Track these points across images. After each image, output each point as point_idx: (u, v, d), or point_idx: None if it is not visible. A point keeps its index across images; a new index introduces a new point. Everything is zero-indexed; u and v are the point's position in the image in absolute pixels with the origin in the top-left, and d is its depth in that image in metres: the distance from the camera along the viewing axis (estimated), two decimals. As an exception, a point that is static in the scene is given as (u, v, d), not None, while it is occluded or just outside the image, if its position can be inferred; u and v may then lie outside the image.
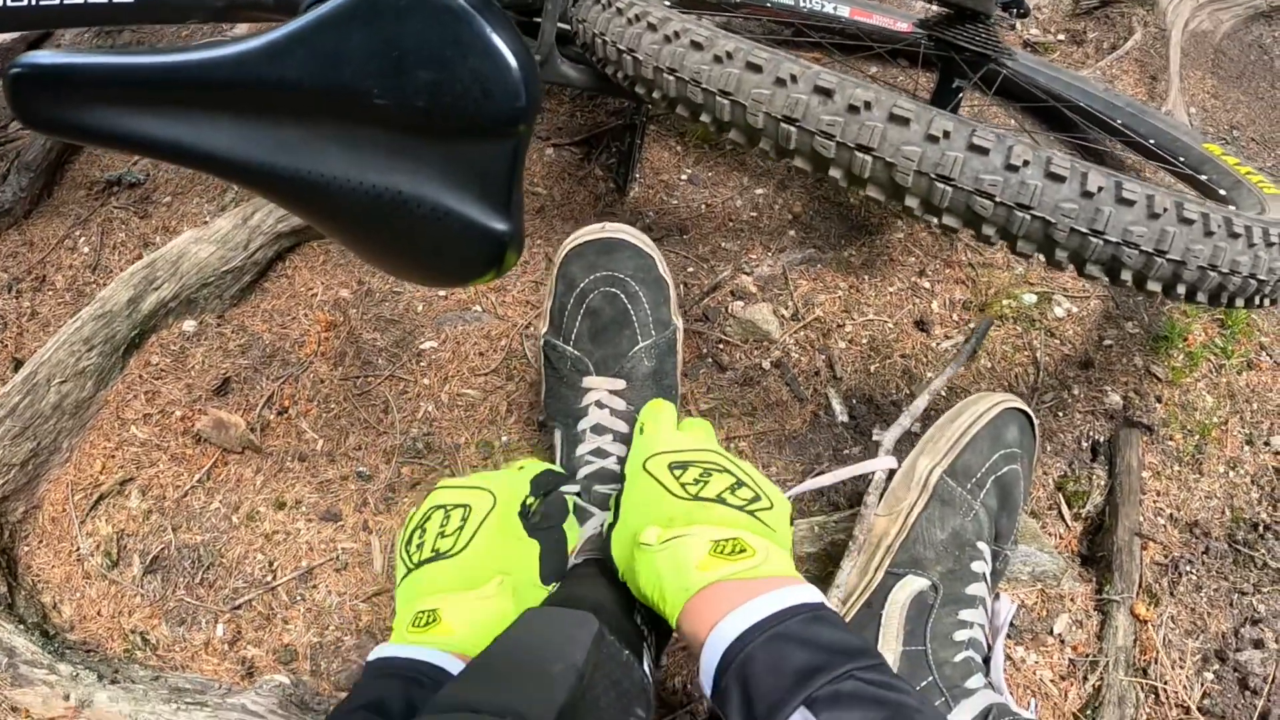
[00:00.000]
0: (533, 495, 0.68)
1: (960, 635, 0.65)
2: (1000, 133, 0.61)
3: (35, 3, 0.91)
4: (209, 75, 0.52)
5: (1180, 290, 0.64)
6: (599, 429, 0.77)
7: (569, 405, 0.79)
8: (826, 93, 0.63)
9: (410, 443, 0.93)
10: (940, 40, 0.98)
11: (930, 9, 1.03)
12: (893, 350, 0.98)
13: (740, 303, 1.01)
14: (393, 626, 0.64)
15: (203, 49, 0.53)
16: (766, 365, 0.97)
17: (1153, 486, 0.89)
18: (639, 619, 0.65)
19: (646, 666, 0.61)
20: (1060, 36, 1.47)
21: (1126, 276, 0.63)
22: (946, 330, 1.00)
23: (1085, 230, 0.60)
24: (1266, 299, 0.69)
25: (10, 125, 1.26)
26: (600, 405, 0.78)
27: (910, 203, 0.64)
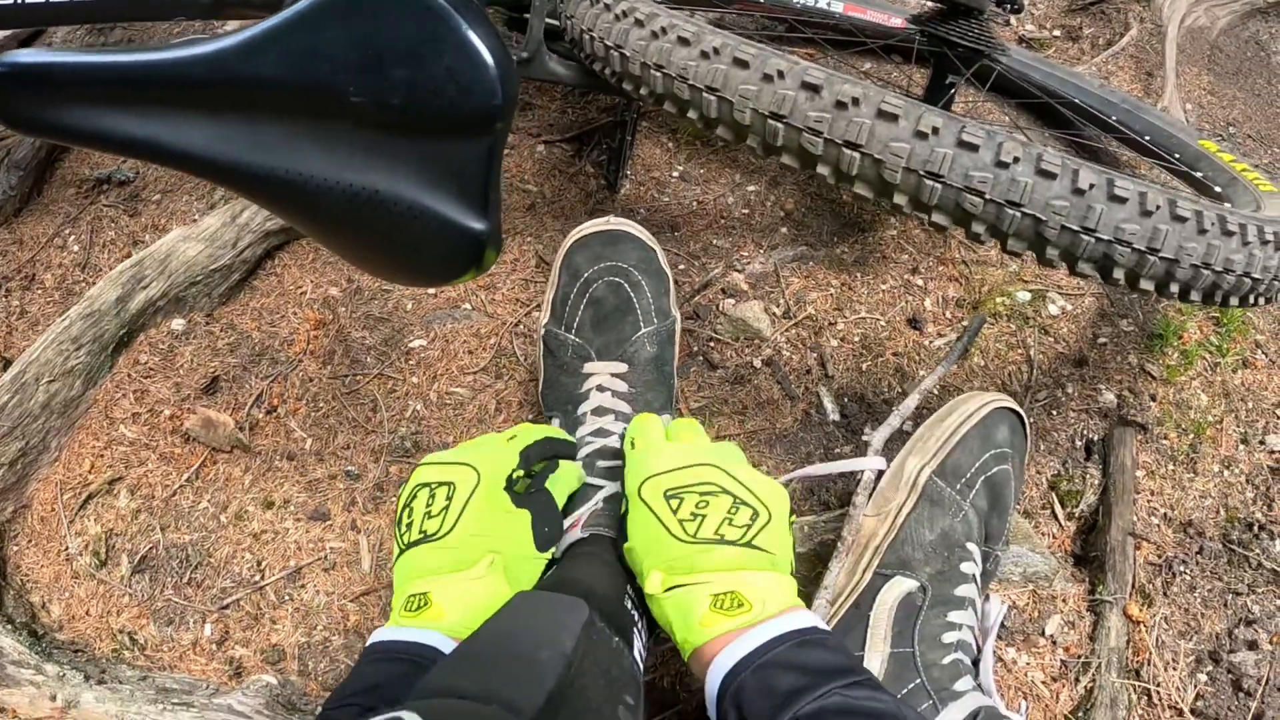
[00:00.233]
0: (521, 468, 0.68)
1: (949, 637, 0.65)
2: (990, 129, 0.61)
3: (23, 0, 0.91)
4: (186, 73, 0.51)
5: (1174, 289, 0.64)
6: (600, 410, 0.77)
7: (569, 392, 0.79)
8: (814, 88, 0.62)
9: (399, 441, 0.92)
10: (934, 36, 0.98)
11: (924, 4, 1.02)
12: (885, 348, 0.98)
13: (732, 300, 1.00)
14: (392, 607, 0.65)
15: (180, 47, 0.52)
16: (758, 363, 0.96)
17: (1147, 486, 0.88)
18: (630, 604, 0.64)
19: (637, 653, 0.61)
20: (1055, 32, 1.46)
21: (1119, 275, 0.62)
22: (939, 328, 1.00)
23: (1077, 228, 0.60)
24: (1261, 297, 0.69)
25: (-2, 125, 1.25)
26: (601, 389, 0.78)
27: (899, 200, 0.63)
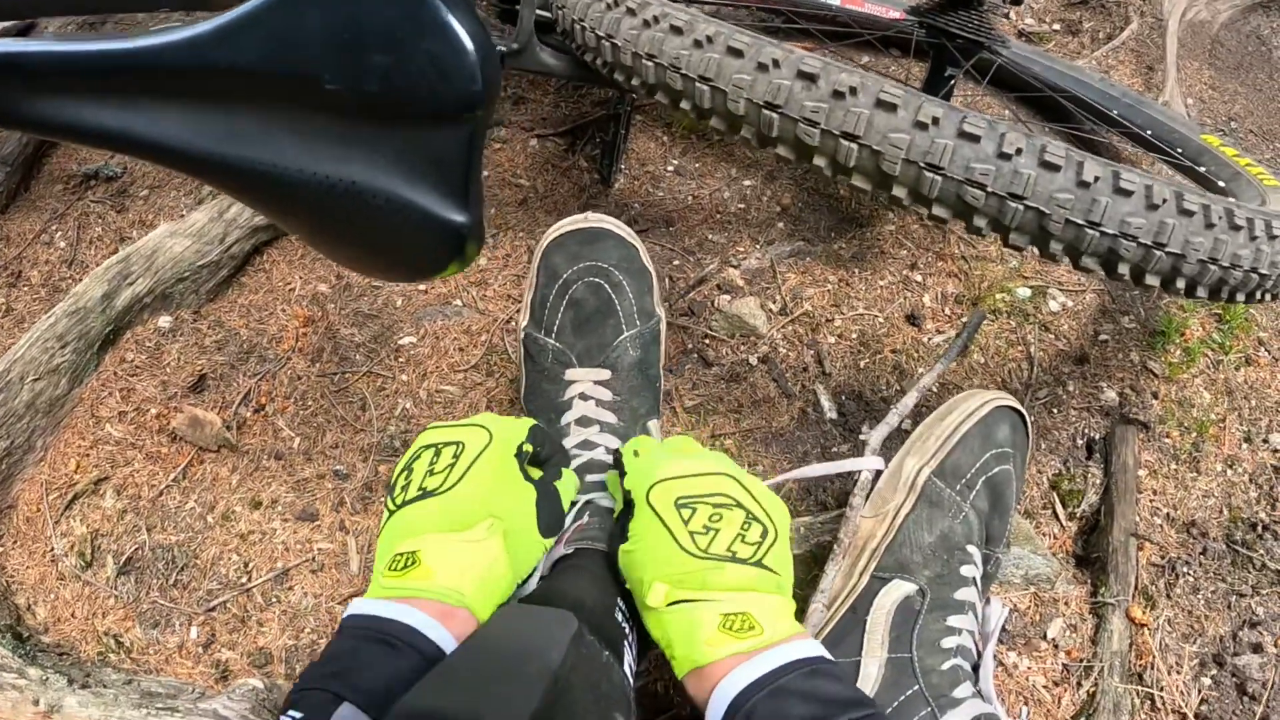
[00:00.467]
0: (529, 442, 0.64)
1: (948, 642, 0.63)
2: (992, 120, 0.59)
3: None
4: (160, 61, 0.50)
5: (1179, 284, 0.63)
6: (584, 421, 0.75)
7: (550, 400, 0.77)
8: (810, 78, 0.61)
9: (388, 440, 0.91)
10: (932, 28, 0.96)
11: (923, -4, 1.01)
12: (883, 345, 0.96)
13: (727, 297, 0.99)
14: (373, 574, 0.59)
15: (154, 34, 0.51)
16: (753, 361, 0.95)
17: (1149, 485, 0.87)
18: (621, 616, 0.63)
19: (627, 667, 0.60)
20: (1055, 26, 1.45)
21: (1124, 270, 0.61)
22: (938, 325, 0.98)
23: (1081, 222, 0.59)
24: (1267, 294, 0.68)
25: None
26: (585, 397, 0.76)
27: (898, 193, 0.61)
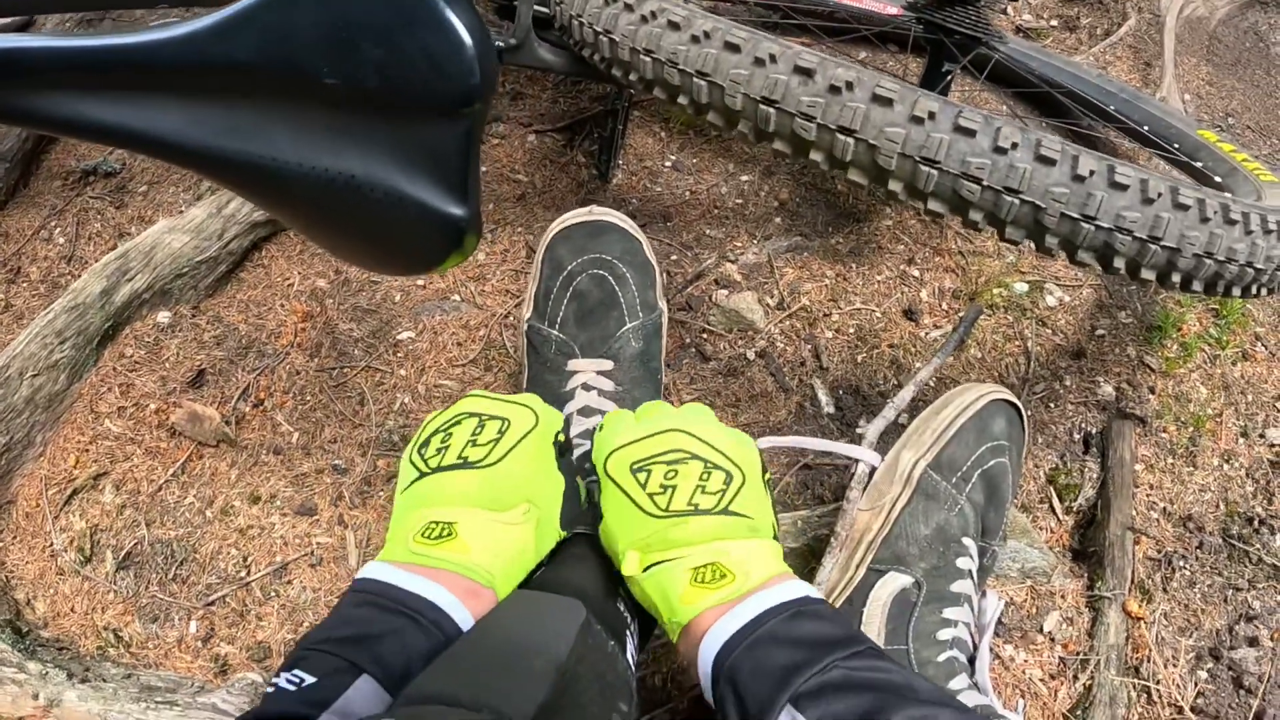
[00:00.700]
0: (563, 433, 0.63)
1: (944, 634, 0.63)
2: (987, 114, 0.59)
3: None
4: (158, 57, 0.50)
5: (1175, 279, 0.63)
6: (587, 411, 0.75)
7: (553, 391, 0.77)
8: (807, 73, 0.61)
9: (386, 435, 0.91)
10: (930, 23, 0.96)
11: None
12: (880, 340, 0.96)
13: (725, 291, 0.99)
14: (388, 540, 0.56)
15: (152, 30, 0.51)
16: (751, 355, 0.95)
17: (1146, 480, 0.87)
18: (623, 605, 0.63)
19: (630, 655, 0.60)
20: (1053, 22, 1.45)
21: (1119, 264, 0.61)
22: (935, 319, 0.98)
23: (1077, 215, 0.59)
24: (1263, 288, 0.68)
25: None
26: (587, 388, 0.76)
27: (894, 187, 0.62)
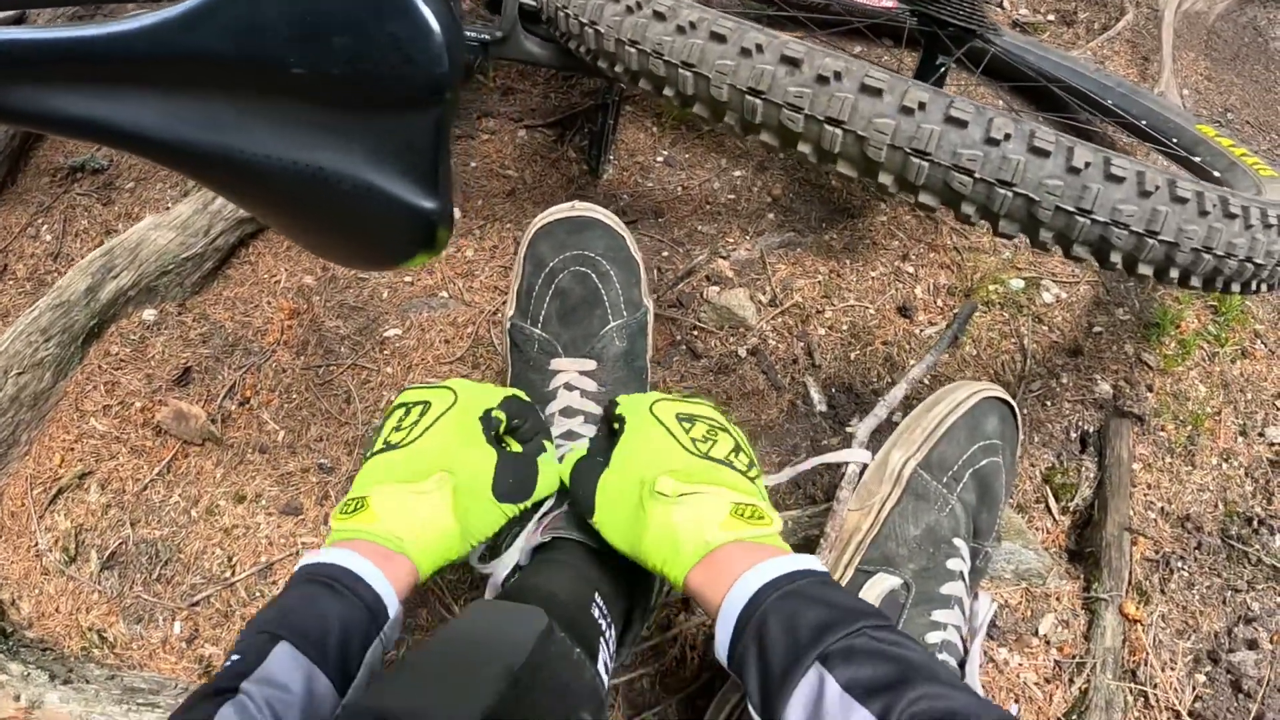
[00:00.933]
0: (501, 410, 0.66)
1: (933, 637, 0.62)
2: (979, 105, 0.58)
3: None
4: (127, 48, 0.49)
5: (1173, 274, 0.61)
6: (569, 411, 0.74)
7: (536, 391, 0.76)
8: (794, 63, 0.59)
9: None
10: (925, 16, 0.95)
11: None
12: (874, 337, 0.95)
13: (716, 288, 0.98)
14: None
15: (122, 20, 0.50)
16: (743, 353, 0.94)
17: (1143, 479, 0.86)
18: (597, 612, 0.62)
19: (602, 664, 0.59)
20: (1050, 16, 1.44)
21: (1116, 259, 0.60)
22: (930, 316, 0.97)
23: (1072, 209, 0.57)
24: (1263, 284, 0.66)
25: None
26: (570, 387, 0.75)
27: (884, 180, 0.60)
